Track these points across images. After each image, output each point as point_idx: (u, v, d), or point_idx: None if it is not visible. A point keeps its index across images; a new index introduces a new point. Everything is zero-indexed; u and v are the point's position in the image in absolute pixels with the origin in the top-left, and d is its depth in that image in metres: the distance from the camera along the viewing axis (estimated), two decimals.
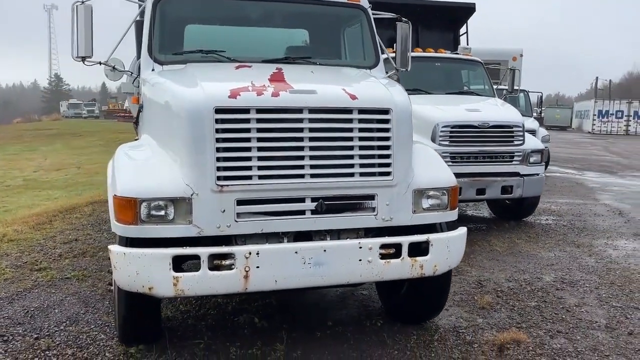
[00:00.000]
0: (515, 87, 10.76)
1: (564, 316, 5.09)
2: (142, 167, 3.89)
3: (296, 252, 3.74)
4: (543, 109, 16.74)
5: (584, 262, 6.87)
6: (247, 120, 3.72)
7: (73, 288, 5.65)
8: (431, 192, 4.15)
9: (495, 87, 10.49)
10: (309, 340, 4.44)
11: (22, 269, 6.32)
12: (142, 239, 3.63)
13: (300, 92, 3.88)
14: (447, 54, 10.01)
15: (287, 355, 4.18)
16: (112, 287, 4.20)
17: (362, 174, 3.93)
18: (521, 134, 8.51)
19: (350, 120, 3.91)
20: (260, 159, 3.73)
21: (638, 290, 5.85)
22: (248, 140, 3.71)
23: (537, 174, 8.65)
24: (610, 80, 71.15)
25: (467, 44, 11.50)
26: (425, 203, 4.14)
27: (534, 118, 16.15)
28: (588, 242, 7.93)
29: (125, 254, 3.58)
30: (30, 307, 5.11)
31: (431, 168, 4.31)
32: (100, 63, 4.96)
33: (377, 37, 5.40)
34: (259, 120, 3.74)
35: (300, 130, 3.81)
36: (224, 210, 3.68)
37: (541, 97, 17.59)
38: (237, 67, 4.56)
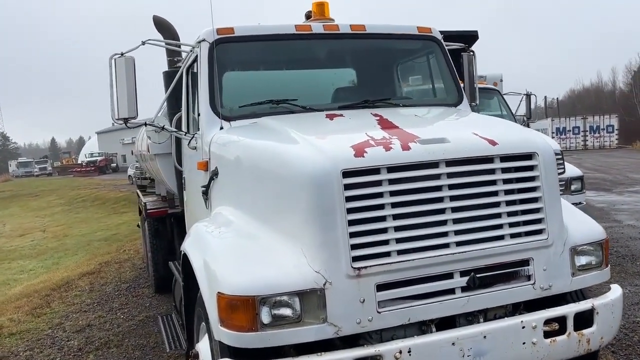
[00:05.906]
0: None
1: None
2: (250, 253, 3.03)
3: (453, 344, 2.96)
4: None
5: None
6: (378, 183, 2.97)
7: None
8: (586, 248, 3.45)
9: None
10: None
11: None
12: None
13: (432, 142, 3.15)
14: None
15: None
16: None
17: (512, 235, 3.21)
18: (561, 161, 8.00)
19: (492, 171, 3.20)
20: (397, 229, 2.97)
21: None
22: (381, 207, 2.96)
23: (580, 203, 8.12)
24: (557, 98, 73.30)
25: None
26: (579, 261, 3.44)
27: None
28: None
29: None
30: None
31: (576, 218, 3.61)
32: (145, 124, 4.16)
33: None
34: (390, 181, 2.99)
35: (439, 188, 3.08)
36: (364, 300, 2.88)
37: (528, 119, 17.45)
38: (330, 117, 3.80)
